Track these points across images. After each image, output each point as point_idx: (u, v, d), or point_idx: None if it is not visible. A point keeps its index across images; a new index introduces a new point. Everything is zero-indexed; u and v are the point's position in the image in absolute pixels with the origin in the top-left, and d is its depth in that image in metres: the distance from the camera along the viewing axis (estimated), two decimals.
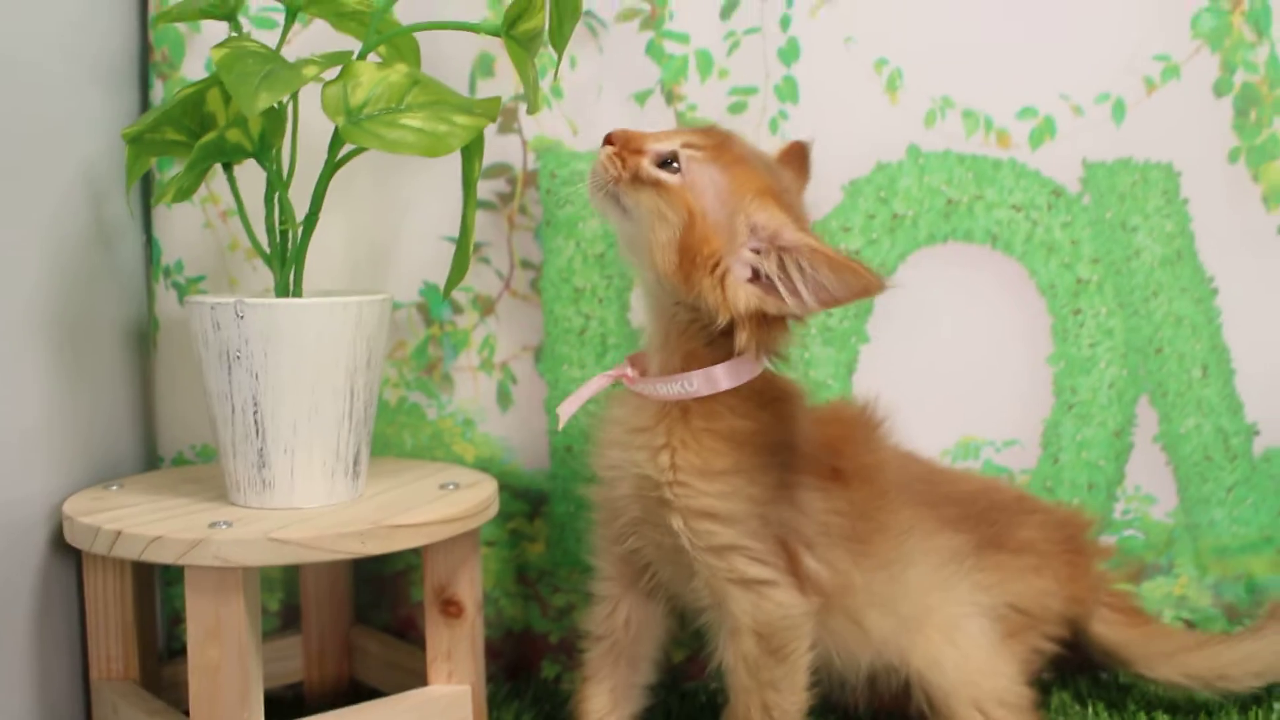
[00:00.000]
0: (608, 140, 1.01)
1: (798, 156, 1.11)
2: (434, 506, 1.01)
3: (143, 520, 0.97)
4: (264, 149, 1.01)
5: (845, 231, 1.24)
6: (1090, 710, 1.17)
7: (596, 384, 1.05)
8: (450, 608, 1.06)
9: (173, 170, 1.20)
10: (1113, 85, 1.25)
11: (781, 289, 0.94)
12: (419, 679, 1.09)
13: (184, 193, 0.99)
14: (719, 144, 1.00)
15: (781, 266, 0.94)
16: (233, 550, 0.92)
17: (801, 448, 1.03)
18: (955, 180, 1.25)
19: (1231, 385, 1.27)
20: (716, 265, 0.96)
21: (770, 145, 1.22)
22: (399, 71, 0.99)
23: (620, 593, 1.09)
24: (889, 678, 1.08)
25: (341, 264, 1.22)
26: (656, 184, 0.98)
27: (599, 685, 1.09)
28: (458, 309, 1.24)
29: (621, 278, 1.24)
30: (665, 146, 0.99)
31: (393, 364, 1.24)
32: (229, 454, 1.01)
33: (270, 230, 1.03)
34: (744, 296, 0.95)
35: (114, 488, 1.08)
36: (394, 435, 1.24)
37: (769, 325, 0.97)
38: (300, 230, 1.02)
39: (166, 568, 1.22)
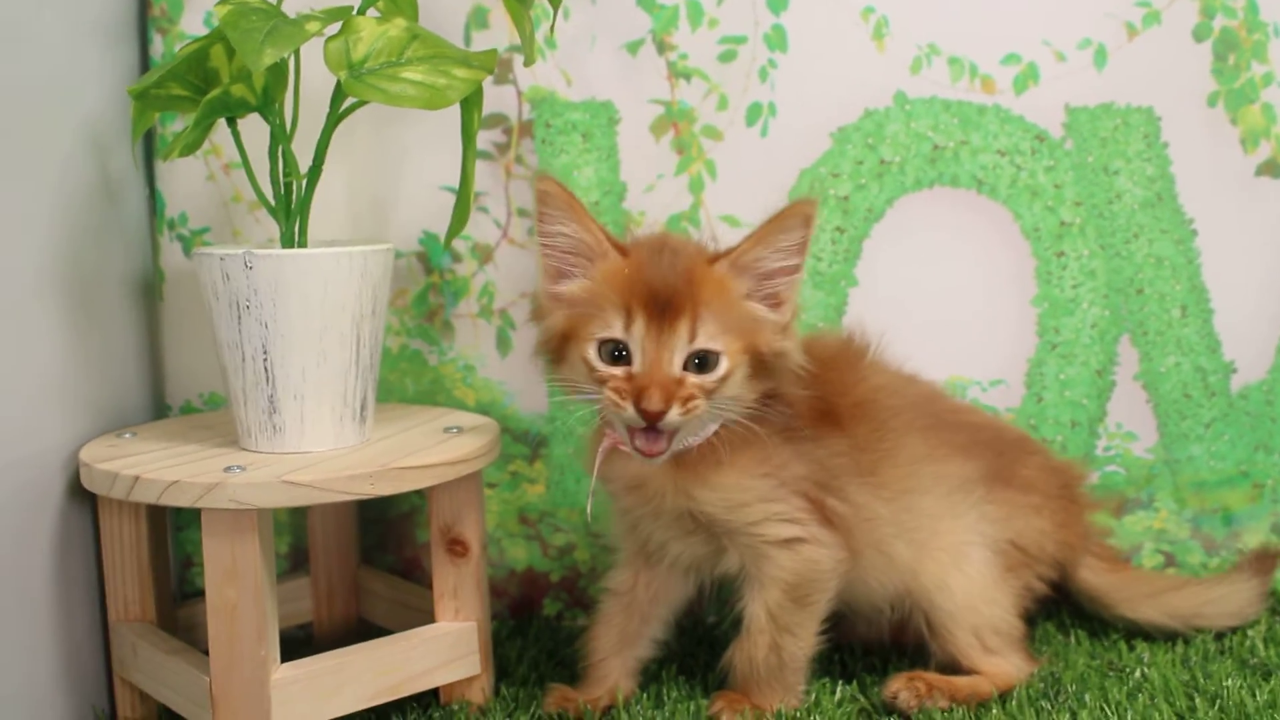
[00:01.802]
0: (646, 408, 0.96)
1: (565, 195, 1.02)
2: (439, 449, 1.05)
3: (159, 465, 1.00)
4: (267, 103, 1.03)
5: (834, 178, 1.27)
6: (1073, 639, 1.22)
7: (602, 456, 1.06)
8: (456, 547, 1.10)
9: (176, 124, 1.22)
10: (1095, 31, 1.27)
11: (776, 280, 1.01)
12: (426, 617, 1.13)
13: (190, 148, 1.01)
14: (695, 281, 0.98)
15: (757, 278, 1.00)
16: (247, 493, 0.95)
17: (789, 404, 1.06)
18: (941, 126, 1.28)
19: (1210, 324, 1.30)
20: (770, 348, 1.00)
21: (760, 93, 1.26)
22: (398, 26, 1.02)
23: (641, 565, 1.13)
24: (902, 603, 1.12)
25: (344, 214, 1.25)
26: (717, 387, 0.98)
27: (608, 627, 1.13)
28: (457, 257, 1.26)
29: (615, 225, 1.26)
30: (690, 352, 0.97)
31: (394, 311, 1.27)
32: (240, 401, 1.04)
33: (275, 183, 1.05)
34: (787, 322, 1.01)
35: (127, 435, 1.11)
36: (396, 381, 1.28)
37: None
38: (304, 182, 1.05)
39: (179, 512, 1.25)
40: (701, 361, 0.98)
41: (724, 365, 0.98)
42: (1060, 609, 1.27)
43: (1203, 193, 1.29)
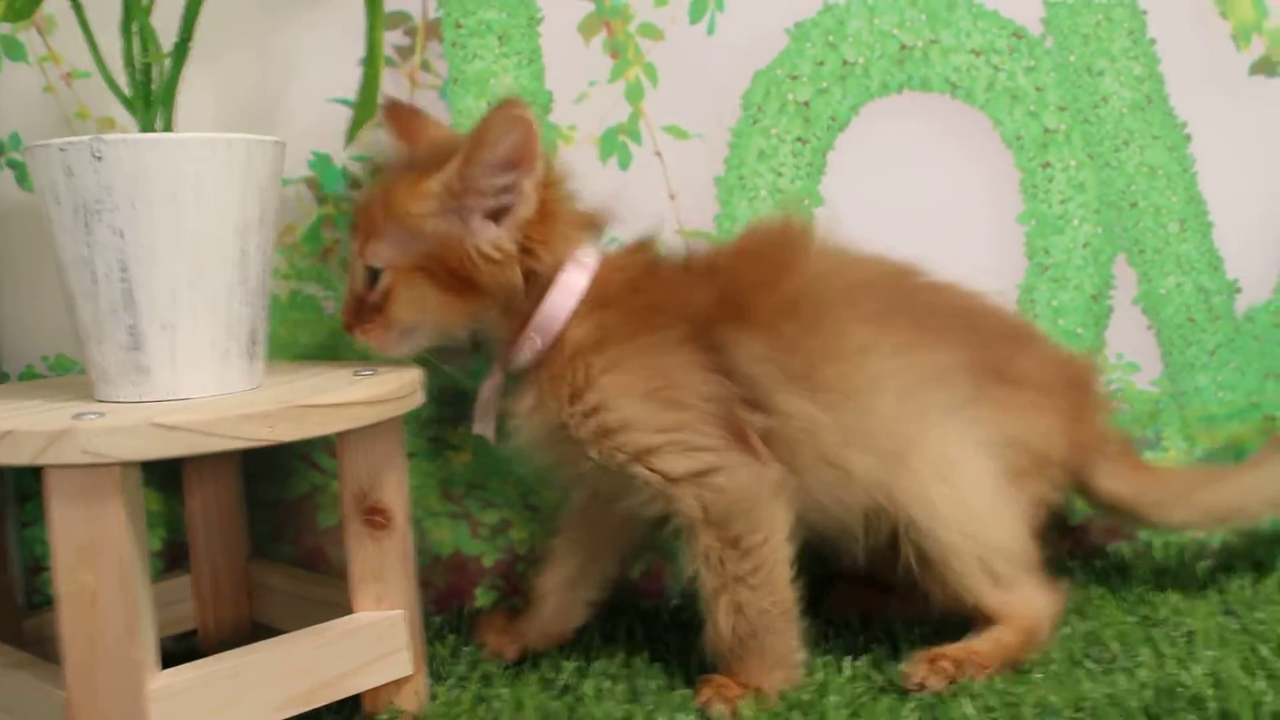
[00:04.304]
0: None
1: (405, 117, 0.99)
2: (352, 389, 0.84)
3: None
4: None
5: (793, 80, 1.10)
6: (1092, 592, 1.06)
7: (490, 390, 0.97)
8: (376, 518, 0.89)
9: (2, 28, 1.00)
10: None
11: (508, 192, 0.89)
12: (338, 611, 0.92)
13: (19, 11, 0.80)
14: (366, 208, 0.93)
15: (465, 193, 0.89)
16: (107, 442, 0.73)
17: (677, 310, 0.91)
18: (908, 23, 1.12)
19: (1210, 239, 1.17)
20: (471, 259, 0.89)
21: None
22: None
23: (582, 502, 1.00)
24: (878, 525, 0.94)
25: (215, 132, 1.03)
26: (382, 303, 0.91)
27: (558, 564, 1.01)
28: (355, 183, 1.06)
29: (544, 141, 1.07)
30: (364, 268, 0.91)
31: (281, 251, 1.05)
32: (92, 337, 0.82)
33: (129, 66, 0.84)
34: (499, 236, 0.89)
35: None
36: (286, 335, 1.06)
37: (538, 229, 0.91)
38: (169, 64, 0.84)
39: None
40: (372, 278, 0.91)
41: (383, 281, 0.91)
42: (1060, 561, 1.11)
43: (1195, 94, 1.15)
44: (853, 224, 1.10)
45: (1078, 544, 1.16)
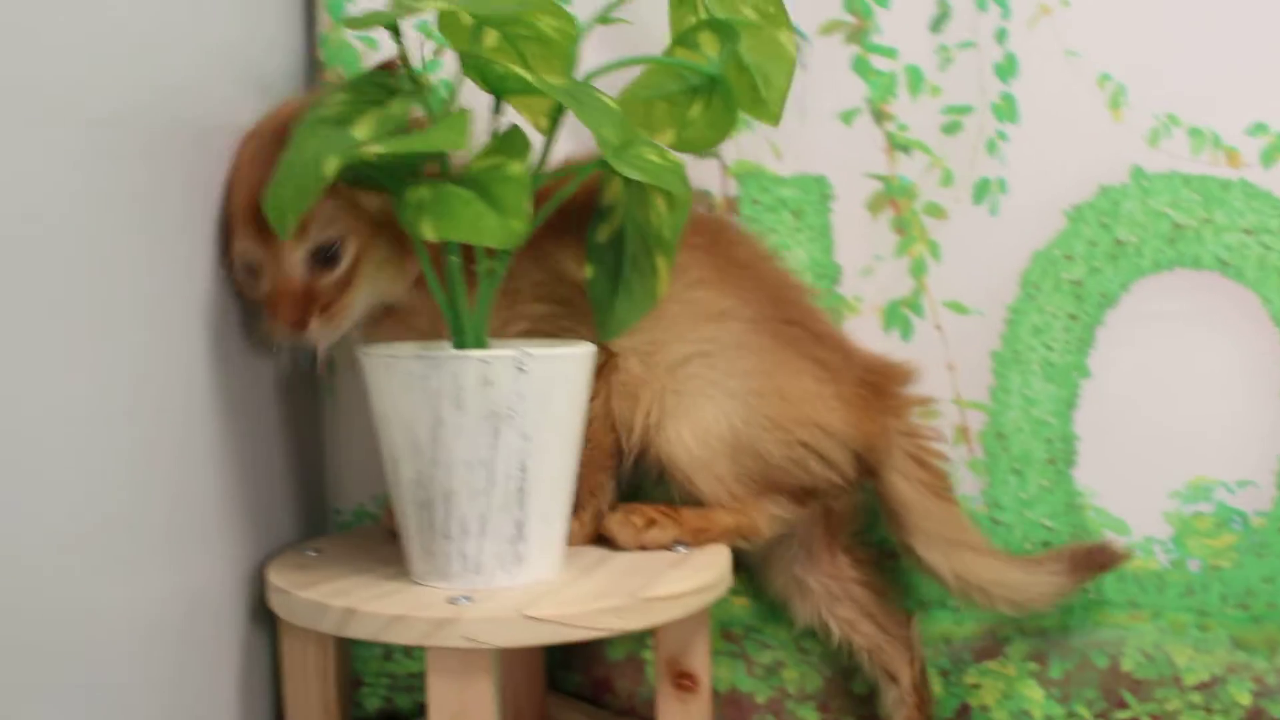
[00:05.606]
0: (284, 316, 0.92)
1: None
2: (680, 574, 0.92)
3: (370, 595, 0.88)
4: None
5: (1067, 260, 1.16)
6: None
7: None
8: (684, 681, 0.97)
9: None
10: None
11: None
12: None
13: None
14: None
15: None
16: (483, 630, 0.83)
17: None
18: (1181, 203, 1.16)
19: None
20: None
21: (989, 168, 1.14)
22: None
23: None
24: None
25: None
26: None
27: None
28: None
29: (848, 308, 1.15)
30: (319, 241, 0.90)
31: None
32: (472, 532, 0.88)
33: (449, 280, 0.90)
34: None
35: (310, 553, 0.99)
36: None
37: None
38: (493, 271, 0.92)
39: None
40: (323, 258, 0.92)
41: (348, 251, 0.92)
42: None
43: None
44: (1119, 394, 1.16)
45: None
